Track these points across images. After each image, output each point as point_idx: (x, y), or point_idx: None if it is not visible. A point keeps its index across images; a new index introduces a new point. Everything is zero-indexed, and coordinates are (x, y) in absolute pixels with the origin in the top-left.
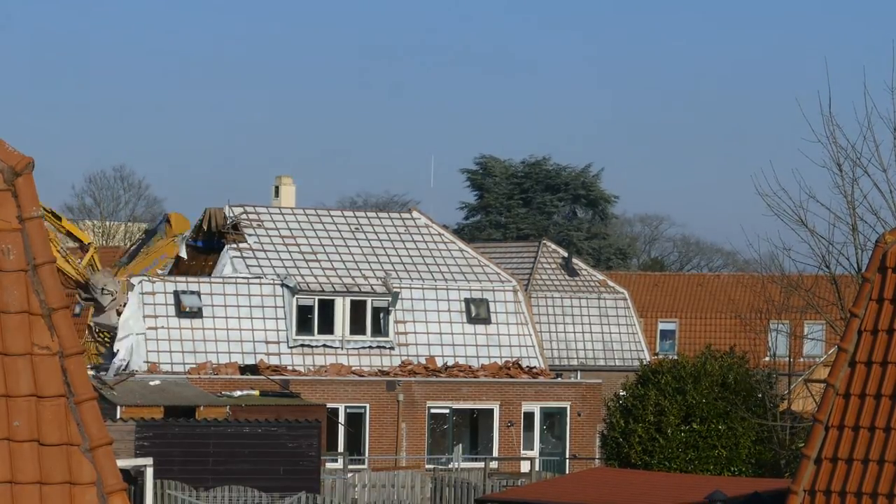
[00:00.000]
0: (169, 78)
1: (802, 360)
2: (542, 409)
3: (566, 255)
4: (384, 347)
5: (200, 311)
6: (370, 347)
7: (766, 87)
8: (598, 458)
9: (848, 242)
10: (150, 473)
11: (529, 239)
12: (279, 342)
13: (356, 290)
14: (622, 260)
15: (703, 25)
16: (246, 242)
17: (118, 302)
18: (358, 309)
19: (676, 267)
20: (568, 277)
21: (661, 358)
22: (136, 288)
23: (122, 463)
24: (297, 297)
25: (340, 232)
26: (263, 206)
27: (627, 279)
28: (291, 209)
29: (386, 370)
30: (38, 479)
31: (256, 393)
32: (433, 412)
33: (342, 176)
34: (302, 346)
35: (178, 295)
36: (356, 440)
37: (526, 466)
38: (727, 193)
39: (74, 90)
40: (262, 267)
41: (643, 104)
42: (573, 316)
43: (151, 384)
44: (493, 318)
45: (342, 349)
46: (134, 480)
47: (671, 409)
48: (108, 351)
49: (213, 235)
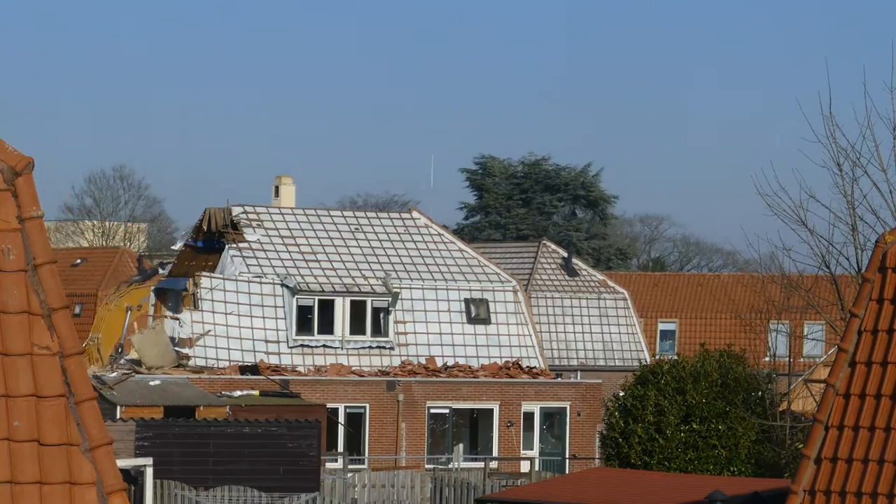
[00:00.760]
0: (169, 78)
1: (802, 360)
2: (542, 409)
3: (566, 255)
4: (384, 347)
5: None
6: (370, 347)
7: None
8: (597, 458)
9: (848, 242)
10: (150, 473)
11: (529, 239)
12: (279, 342)
13: (356, 290)
14: (622, 260)
15: (703, 25)
16: (246, 242)
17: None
18: (358, 309)
19: (676, 267)
20: (568, 277)
21: (660, 358)
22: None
23: (122, 463)
24: (297, 297)
25: (340, 232)
26: (263, 206)
27: (627, 279)
28: (291, 209)
29: (386, 370)
30: (38, 479)
31: (256, 393)
32: (433, 412)
33: (342, 176)
34: (302, 346)
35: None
36: (356, 440)
37: (526, 466)
38: (727, 193)
39: (74, 90)
40: (262, 267)
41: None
42: (573, 316)
43: (151, 384)
44: (493, 318)
45: (342, 349)
46: (134, 480)
47: (671, 409)
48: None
49: (213, 235)
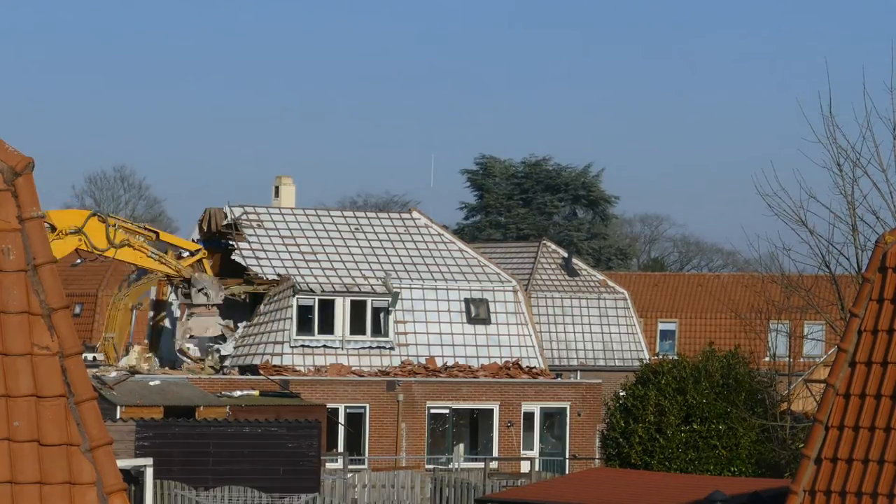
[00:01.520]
0: (169, 78)
1: (802, 360)
2: (542, 409)
3: (566, 255)
4: (384, 347)
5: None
6: (370, 347)
7: (766, 87)
8: (598, 458)
9: (848, 242)
10: (150, 473)
11: (529, 239)
12: (282, 343)
13: (356, 290)
14: (622, 260)
15: (702, 25)
16: (246, 242)
17: (211, 312)
18: (358, 309)
19: (676, 267)
20: (568, 277)
21: (661, 358)
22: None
23: (122, 463)
24: (297, 297)
25: (340, 232)
26: (263, 206)
27: (627, 279)
28: (291, 209)
29: (386, 370)
30: (38, 479)
31: (256, 393)
32: (433, 412)
33: (342, 176)
34: (302, 346)
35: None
36: (356, 440)
37: (526, 466)
38: (727, 193)
39: (74, 90)
40: (262, 267)
41: (643, 104)
42: (573, 316)
43: (151, 384)
44: (493, 318)
45: (342, 349)
46: (135, 480)
47: (671, 409)
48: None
49: (213, 235)
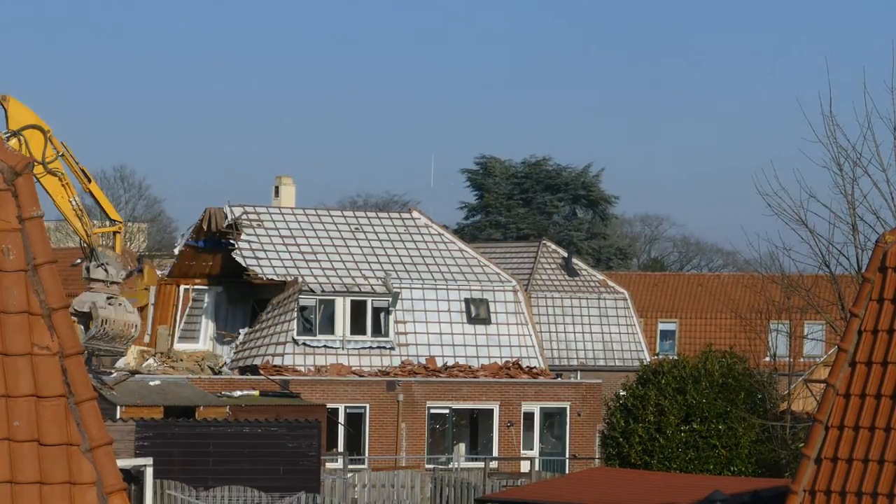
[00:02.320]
0: (169, 78)
1: (802, 360)
2: (542, 409)
3: (566, 255)
4: (384, 347)
5: None
6: (370, 347)
7: (766, 87)
8: (598, 458)
9: (848, 242)
10: (150, 473)
11: (529, 239)
12: (283, 343)
13: (356, 290)
14: (622, 260)
15: (703, 25)
16: (245, 242)
17: (109, 291)
18: (358, 309)
19: (676, 267)
20: (568, 277)
21: (661, 358)
22: None
23: (122, 463)
24: (297, 297)
25: (340, 232)
26: (263, 206)
27: (627, 279)
28: (291, 209)
29: (386, 370)
30: (38, 479)
31: (256, 393)
32: (433, 412)
33: (342, 176)
34: (303, 345)
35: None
36: (356, 440)
37: (526, 466)
38: (727, 193)
39: (74, 90)
40: (262, 267)
41: (643, 104)
42: (573, 316)
43: (151, 384)
44: (493, 318)
45: (342, 349)
46: (136, 480)
47: (671, 409)
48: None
49: (213, 235)
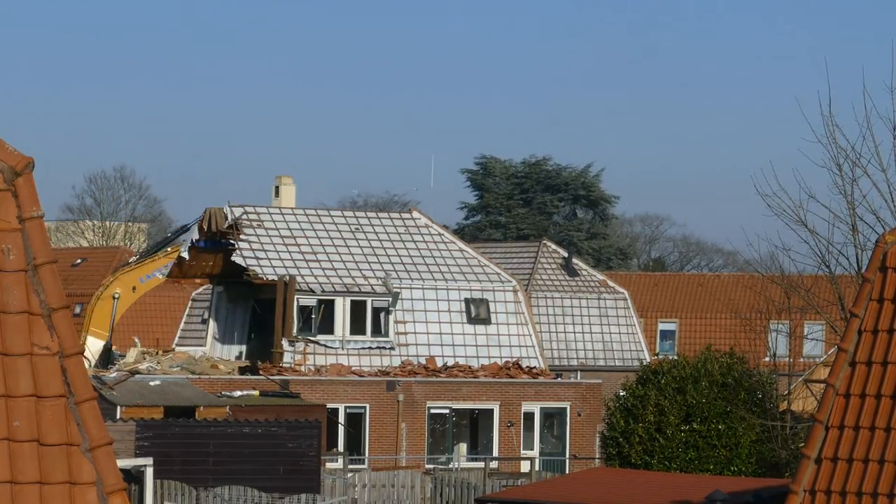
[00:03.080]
0: (169, 78)
1: (802, 360)
2: (542, 409)
3: (566, 255)
4: (384, 347)
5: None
6: (370, 347)
7: (766, 87)
8: (598, 458)
9: (848, 242)
10: (150, 473)
11: (529, 239)
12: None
13: (356, 290)
14: (622, 260)
15: (703, 25)
16: (245, 242)
17: None
18: (358, 309)
19: (676, 267)
20: (568, 277)
21: (661, 358)
22: None
23: (122, 463)
24: (297, 297)
25: (340, 232)
26: (263, 206)
27: (627, 279)
28: (291, 209)
29: (386, 370)
30: (38, 479)
31: (256, 393)
32: (433, 412)
33: (342, 176)
34: (302, 346)
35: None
36: (356, 440)
37: (526, 466)
38: (727, 193)
39: (74, 90)
40: (262, 267)
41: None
42: (573, 316)
43: (151, 384)
44: (493, 318)
45: (342, 349)
46: (136, 480)
47: (671, 408)
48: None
49: (214, 235)
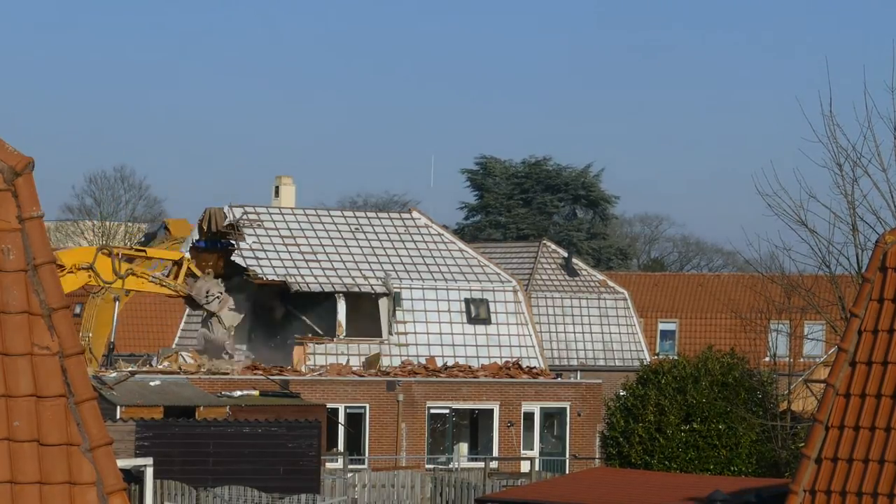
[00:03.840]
0: (169, 77)
1: (802, 360)
2: (542, 409)
3: (566, 255)
4: (385, 346)
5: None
6: (370, 347)
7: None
8: (598, 458)
9: (848, 242)
10: (150, 473)
11: (529, 239)
12: None
13: (356, 290)
14: (622, 260)
15: (703, 25)
16: (245, 242)
17: (224, 302)
18: (358, 309)
19: (676, 267)
20: (568, 277)
21: (661, 358)
22: None
23: (122, 463)
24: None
25: (340, 232)
26: (263, 206)
27: (627, 279)
28: (291, 209)
29: (386, 370)
30: (38, 479)
31: (256, 393)
32: (433, 412)
33: (342, 176)
34: (303, 346)
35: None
36: (356, 440)
37: (526, 466)
38: (727, 193)
39: (74, 90)
40: (262, 267)
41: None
42: (573, 316)
43: (151, 384)
44: (493, 318)
45: (342, 349)
46: (136, 480)
47: (671, 408)
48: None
49: (214, 235)
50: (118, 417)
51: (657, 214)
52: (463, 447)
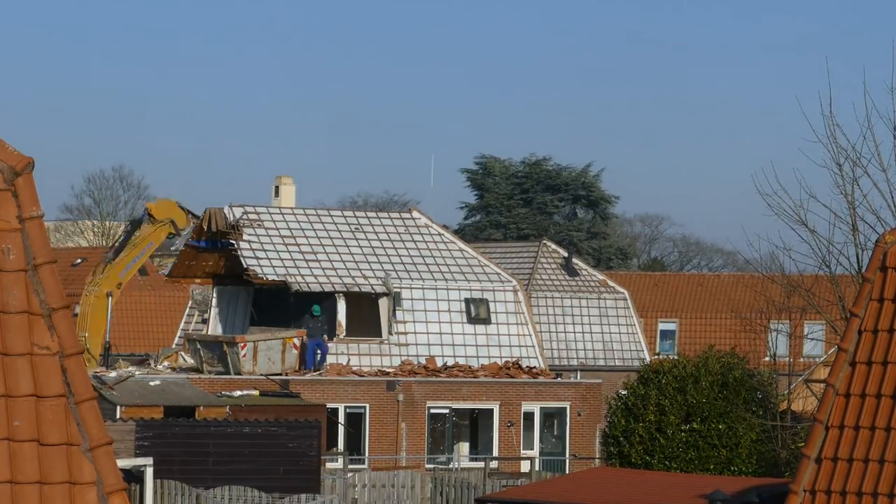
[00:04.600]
0: (169, 77)
1: (802, 360)
2: (542, 409)
3: (566, 255)
4: (385, 345)
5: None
6: (370, 347)
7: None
8: (598, 457)
9: (848, 242)
10: (150, 473)
11: (530, 239)
12: None
13: (356, 290)
14: (622, 260)
15: (702, 24)
16: (246, 242)
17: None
18: (358, 309)
19: (676, 267)
20: (568, 277)
21: (661, 358)
22: None
23: (122, 463)
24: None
25: (340, 232)
26: (263, 206)
27: (627, 279)
28: (291, 209)
29: (386, 370)
30: (38, 479)
31: (256, 393)
32: (433, 412)
33: (342, 176)
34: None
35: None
36: (356, 440)
37: (526, 466)
38: (727, 193)
39: (74, 89)
40: (262, 267)
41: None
42: (573, 316)
43: (151, 384)
44: (493, 318)
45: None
46: (136, 480)
47: (672, 408)
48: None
49: (214, 235)
50: (118, 417)
51: (657, 214)
52: (463, 447)
